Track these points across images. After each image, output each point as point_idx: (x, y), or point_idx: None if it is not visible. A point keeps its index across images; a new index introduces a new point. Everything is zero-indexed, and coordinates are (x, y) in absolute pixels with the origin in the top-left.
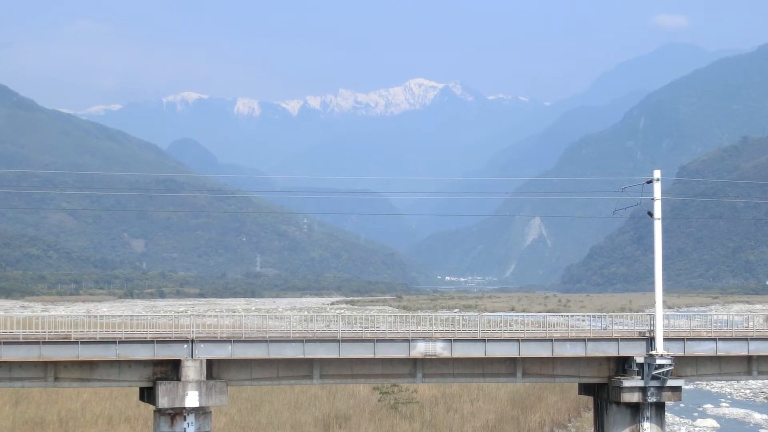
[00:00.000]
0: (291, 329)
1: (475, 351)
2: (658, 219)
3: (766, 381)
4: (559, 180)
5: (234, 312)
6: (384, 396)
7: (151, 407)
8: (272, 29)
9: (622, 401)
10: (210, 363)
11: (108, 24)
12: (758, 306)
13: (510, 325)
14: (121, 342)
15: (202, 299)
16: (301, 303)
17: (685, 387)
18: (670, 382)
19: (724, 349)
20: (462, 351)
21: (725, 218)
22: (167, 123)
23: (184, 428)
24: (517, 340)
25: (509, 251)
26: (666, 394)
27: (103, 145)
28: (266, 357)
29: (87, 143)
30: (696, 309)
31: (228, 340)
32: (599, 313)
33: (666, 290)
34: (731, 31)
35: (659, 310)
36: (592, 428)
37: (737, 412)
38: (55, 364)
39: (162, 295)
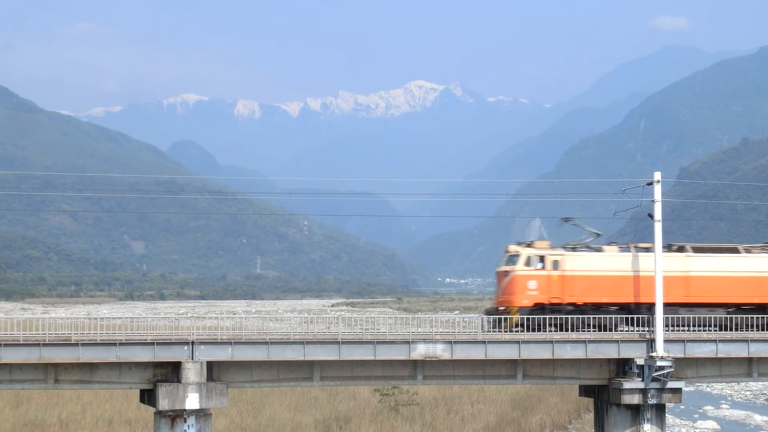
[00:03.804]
0: (291, 331)
1: (476, 353)
2: (659, 221)
3: (766, 383)
4: (560, 182)
5: (234, 314)
6: (384, 398)
7: (152, 409)
8: (272, 31)
9: (622, 403)
10: (210, 365)
11: (109, 26)
12: None
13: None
14: (121, 344)
15: (203, 301)
16: (302, 305)
17: (685, 389)
18: (671, 384)
19: (725, 350)
20: (462, 353)
21: (726, 220)
22: (167, 125)
23: (185, 430)
24: (518, 342)
25: None
26: (666, 396)
27: (104, 147)
28: (266, 359)
29: (87, 145)
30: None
31: (228, 342)
32: (599, 315)
33: None
34: (731, 32)
35: (659, 311)
36: (593, 430)
37: (738, 414)
38: (56, 366)
39: (162, 297)
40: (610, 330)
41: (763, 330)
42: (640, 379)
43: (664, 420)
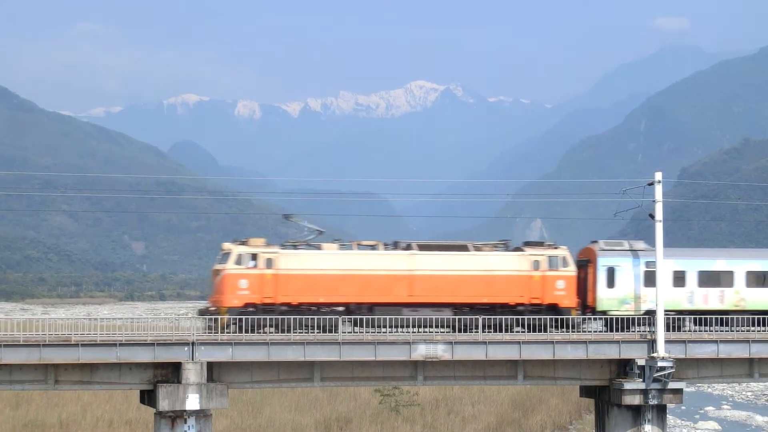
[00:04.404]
0: (291, 331)
1: (476, 353)
2: (660, 221)
3: (767, 383)
4: (561, 182)
5: None
6: (385, 398)
7: (152, 410)
8: (273, 31)
9: (623, 404)
10: (210, 365)
11: (109, 26)
12: None
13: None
14: (121, 344)
15: (203, 301)
16: None
17: (686, 389)
18: (672, 385)
19: (726, 351)
20: (463, 353)
21: (726, 220)
22: (168, 125)
23: (185, 431)
24: (518, 342)
25: None
26: (667, 397)
27: (104, 148)
28: (267, 359)
29: (88, 145)
30: None
31: (228, 343)
32: (601, 315)
33: None
34: (732, 33)
35: (660, 311)
36: (594, 431)
37: (739, 415)
38: (56, 367)
39: (162, 298)
40: (330, 331)
41: (497, 331)
42: (641, 379)
43: (665, 421)
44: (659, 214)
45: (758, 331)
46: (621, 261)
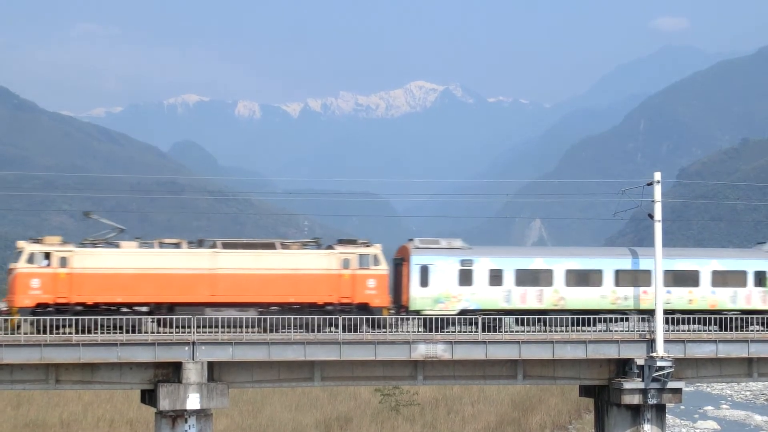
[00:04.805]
0: (292, 331)
1: (476, 353)
2: (659, 221)
3: (766, 383)
4: (560, 182)
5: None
6: (385, 398)
7: (153, 410)
8: (273, 31)
9: (622, 403)
10: (211, 365)
11: (110, 26)
12: None
13: (510, 327)
14: (122, 344)
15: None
16: None
17: (685, 389)
18: (671, 384)
19: (725, 351)
20: (463, 353)
21: (725, 220)
22: (168, 125)
23: (186, 430)
24: (518, 342)
25: None
26: (666, 396)
27: (105, 148)
28: (267, 359)
29: (88, 145)
30: None
31: (229, 343)
32: (599, 315)
33: None
34: (731, 33)
35: (659, 311)
36: (593, 430)
37: (738, 414)
38: (57, 367)
39: None
40: (131, 332)
41: (310, 331)
42: (641, 379)
43: (664, 420)
44: (658, 214)
45: (757, 330)
46: (435, 259)
